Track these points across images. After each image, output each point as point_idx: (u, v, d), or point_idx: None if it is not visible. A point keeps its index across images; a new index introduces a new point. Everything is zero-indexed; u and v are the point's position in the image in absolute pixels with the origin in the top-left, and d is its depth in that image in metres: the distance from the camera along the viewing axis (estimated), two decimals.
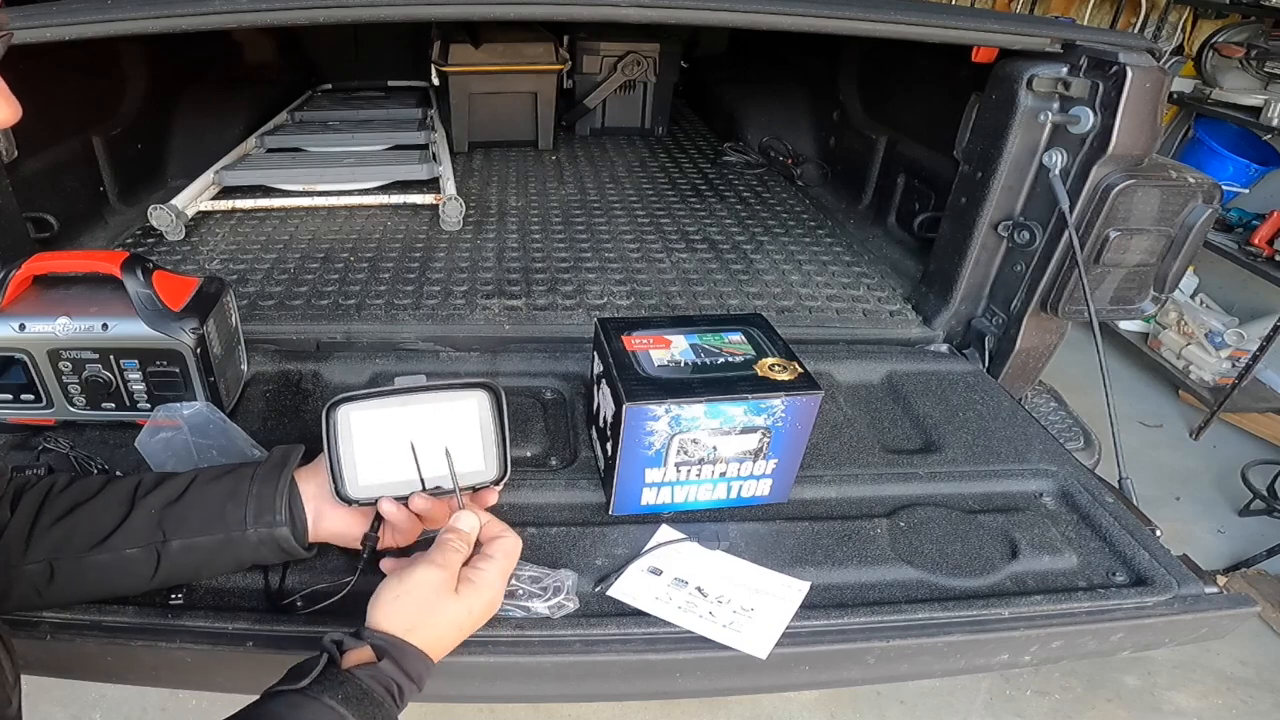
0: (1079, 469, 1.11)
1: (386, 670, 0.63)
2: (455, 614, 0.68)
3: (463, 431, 0.80)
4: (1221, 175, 3.00)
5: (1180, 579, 0.91)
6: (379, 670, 0.62)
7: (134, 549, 0.73)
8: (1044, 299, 1.31)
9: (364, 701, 0.60)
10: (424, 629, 0.66)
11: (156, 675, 0.83)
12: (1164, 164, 1.24)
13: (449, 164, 2.06)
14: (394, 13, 1.12)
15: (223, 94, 2.35)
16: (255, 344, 1.26)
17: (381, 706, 0.61)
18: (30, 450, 1.01)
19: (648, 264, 1.69)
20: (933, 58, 1.37)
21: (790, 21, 1.14)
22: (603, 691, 1.02)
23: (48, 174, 1.57)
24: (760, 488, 0.99)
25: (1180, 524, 2.43)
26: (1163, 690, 1.92)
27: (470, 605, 0.69)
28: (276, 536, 0.76)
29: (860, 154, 2.09)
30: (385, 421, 0.78)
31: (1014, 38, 1.21)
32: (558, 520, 0.97)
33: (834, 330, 1.46)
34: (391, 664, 0.63)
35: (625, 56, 2.60)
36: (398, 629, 0.65)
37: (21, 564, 0.71)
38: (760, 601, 0.84)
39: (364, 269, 1.59)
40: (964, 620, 0.85)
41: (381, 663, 0.63)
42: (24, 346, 0.98)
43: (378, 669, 0.62)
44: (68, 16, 1.03)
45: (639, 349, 0.97)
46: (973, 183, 1.36)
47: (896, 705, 1.84)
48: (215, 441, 0.96)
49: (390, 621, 0.66)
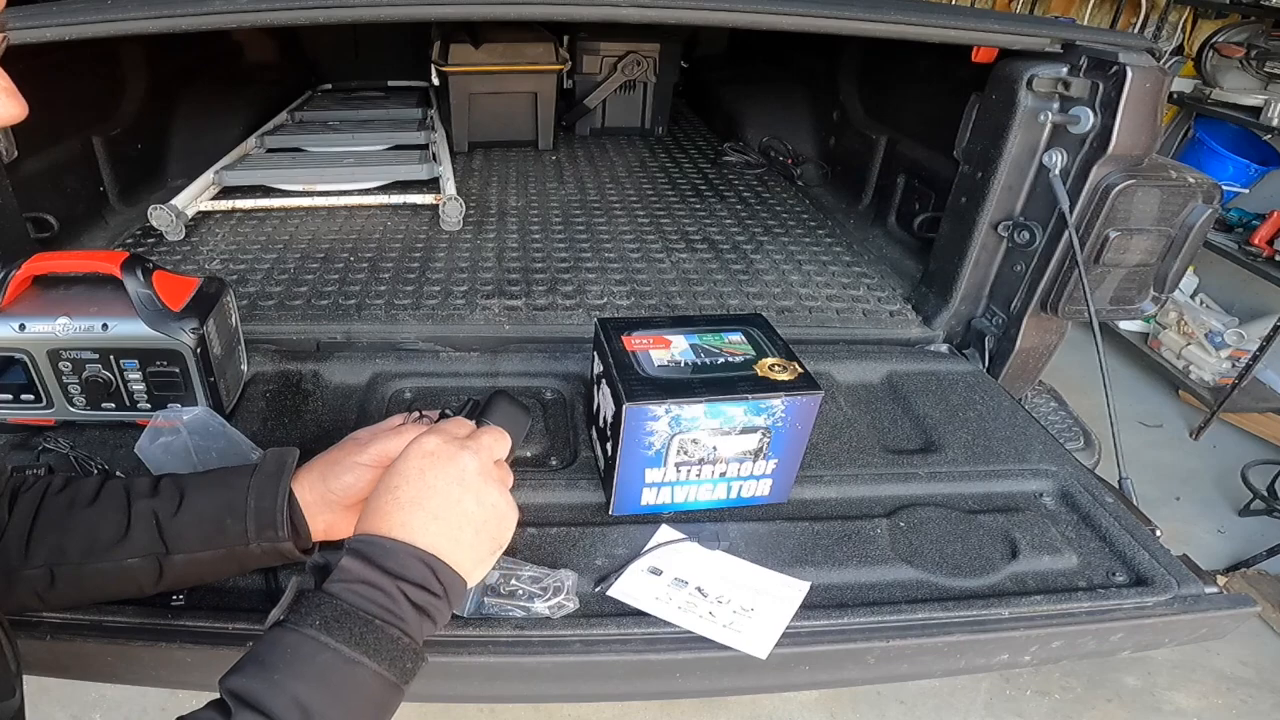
0: (1079, 469, 1.11)
1: (354, 571, 0.54)
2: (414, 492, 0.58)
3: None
4: (1221, 175, 2.99)
5: (1180, 579, 0.91)
6: (345, 572, 0.54)
7: (135, 559, 0.71)
8: (1044, 299, 1.31)
9: (345, 622, 0.51)
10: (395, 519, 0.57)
11: (156, 675, 0.83)
12: (1164, 164, 1.24)
13: (449, 164, 2.06)
14: (394, 13, 1.12)
15: (223, 94, 2.35)
16: (255, 344, 1.26)
17: (371, 626, 0.52)
18: (30, 450, 1.01)
19: (648, 264, 1.69)
20: (933, 58, 1.37)
21: (790, 21, 1.14)
22: (603, 691, 1.02)
23: (48, 174, 1.57)
24: (760, 488, 0.99)
25: (1180, 524, 2.43)
26: (1163, 690, 1.92)
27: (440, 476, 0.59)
28: (280, 550, 0.74)
29: (860, 154, 2.09)
30: None
31: (1014, 38, 1.21)
32: (558, 520, 0.97)
33: (834, 330, 1.46)
34: (355, 561, 0.54)
35: (625, 56, 2.60)
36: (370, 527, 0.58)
37: (22, 568, 0.70)
38: (760, 601, 0.84)
39: (364, 269, 1.59)
40: (964, 620, 0.85)
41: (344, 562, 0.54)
42: (24, 346, 0.98)
43: (344, 570, 0.54)
44: (68, 16, 1.03)
45: (639, 349, 0.97)
46: (973, 183, 1.36)
47: (896, 705, 1.84)
48: (215, 444, 0.96)
49: (362, 524, 0.59)
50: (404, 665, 0.53)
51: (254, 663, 0.51)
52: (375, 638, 0.52)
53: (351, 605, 0.52)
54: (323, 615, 0.51)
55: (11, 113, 0.53)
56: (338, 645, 0.50)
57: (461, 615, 0.80)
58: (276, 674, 0.49)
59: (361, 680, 0.51)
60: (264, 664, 0.50)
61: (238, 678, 0.50)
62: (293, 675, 0.49)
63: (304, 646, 0.50)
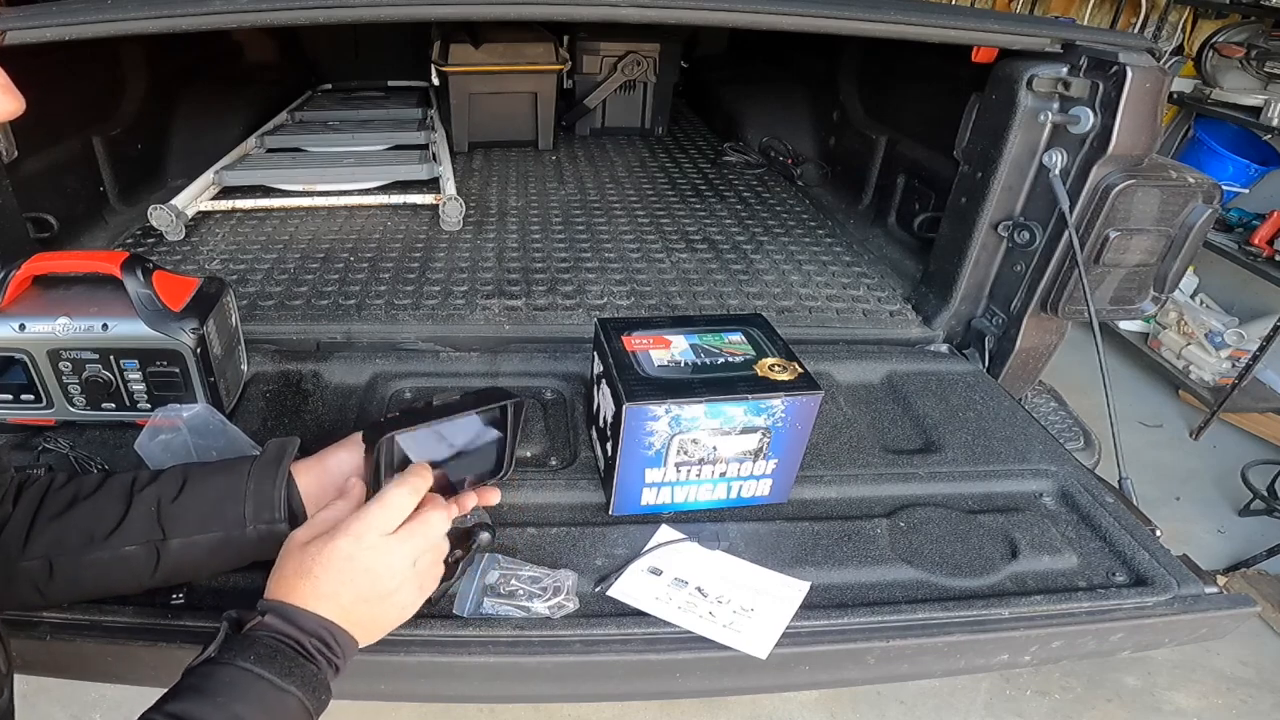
0: (1079, 469, 1.11)
1: (273, 625, 0.61)
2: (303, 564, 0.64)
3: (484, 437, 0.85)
4: (1221, 175, 2.99)
5: (1180, 579, 0.91)
6: (266, 626, 0.61)
7: (133, 546, 0.73)
8: (1044, 299, 1.31)
9: (277, 659, 0.59)
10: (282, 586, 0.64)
11: (156, 675, 0.82)
12: (1164, 164, 1.24)
13: (449, 164, 2.06)
14: (394, 13, 1.12)
15: (223, 94, 2.35)
16: (255, 344, 1.26)
17: (298, 664, 0.60)
18: (30, 450, 1.01)
19: (648, 264, 1.69)
20: (933, 58, 1.37)
21: (790, 21, 1.14)
22: (603, 691, 1.02)
23: (48, 174, 1.57)
24: (760, 488, 0.99)
25: (1180, 524, 2.43)
26: (1163, 690, 1.92)
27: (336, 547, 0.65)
28: (276, 533, 0.75)
29: (860, 154, 2.09)
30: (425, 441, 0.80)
31: (1014, 38, 1.21)
32: (558, 520, 0.97)
33: (834, 330, 1.46)
34: (275, 618, 0.62)
35: (625, 56, 2.60)
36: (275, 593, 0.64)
37: (20, 561, 0.71)
38: (760, 601, 0.84)
39: (364, 269, 1.59)
40: (964, 620, 0.85)
41: (265, 618, 0.62)
42: (24, 346, 0.98)
43: (264, 625, 0.61)
44: (68, 16, 1.03)
45: (639, 349, 0.97)
46: (973, 183, 1.36)
47: (896, 705, 1.84)
48: (215, 443, 0.96)
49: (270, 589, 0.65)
50: (319, 697, 0.61)
51: (191, 690, 0.57)
52: (300, 672, 0.60)
53: (277, 646, 0.60)
54: (256, 652, 0.59)
55: (8, 108, 0.55)
56: (270, 676, 0.58)
57: (461, 615, 0.81)
58: (219, 697, 0.56)
59: (291, 707, 0.59)
60: (203, 691, 0.57)
61: (179, 703, 0.56)
62: (234, 699, 0.56)
63: (241, 678, 0.57)
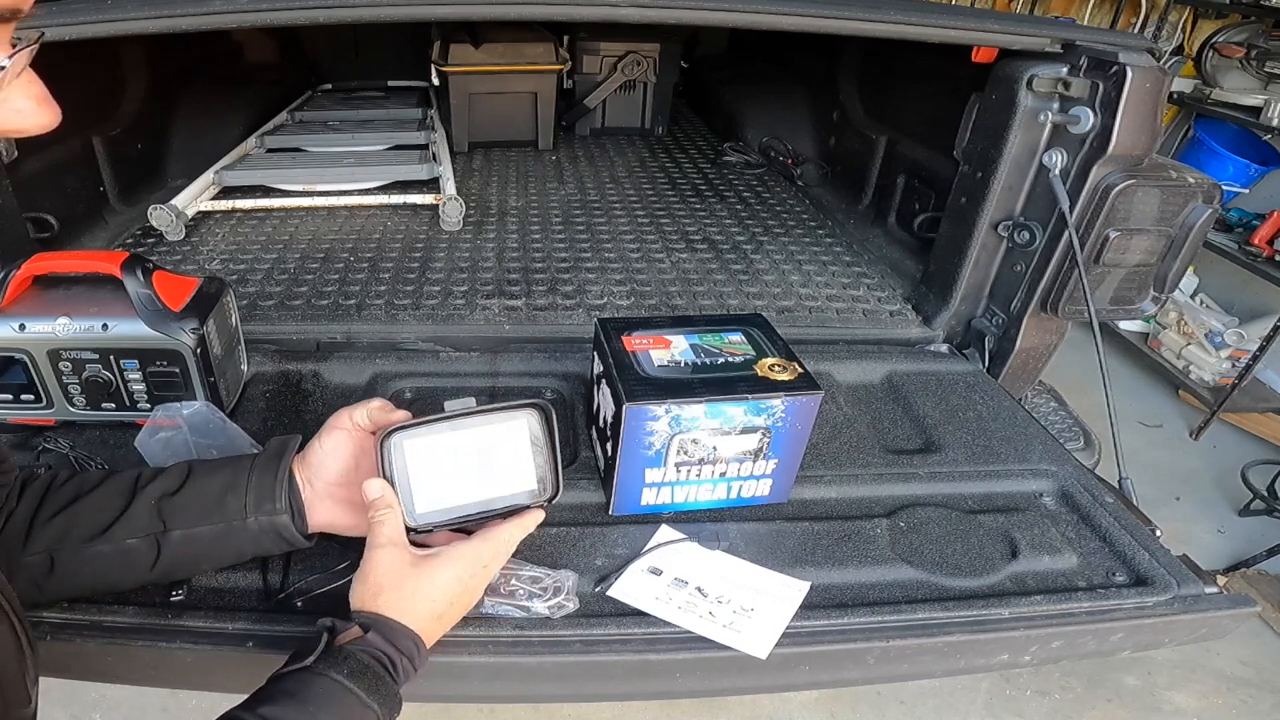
0: (1079, 469, 1.11)
1: (374, 642, 0.66)
2: (419, 585, 0.70)
3: (514, 451, 0.80)
4: (1221, 175, 2.99)
5: (1180, 579, 0.91)
6: (367, 643, 0.66)
7: (134, 539, 0.74)
8: (1044, 299, 1.31)
9: (366, 675, 0.63)
10: (394, 603, 0.69)
11: (156, 675, 0.83)
12: (1164, 164, 1.24)
13: (449, 164, 2.06)
14: (394, 13, 1.12)
15: (223, 94, 2.35)
16: (255, 344, 1.26)
17: (382, 681, 0.64)
18: (30, 450, 1.01)
19: (648, 264, 1.69)
20: (933, 58, 1.37)
21: (790, 21, 1.14)
22: (603, 691, 1.02)
23: (48, 174, 1.57)
24: (760, 488, 0.99)
25: (1180, 524, 2.43)
26: (1163, 690, 1.92)
27: (435, 577, 0.71)
28: (276, 524, 0.76)
29: (860, 154, 2.09)
30: (440, 448, 0.77)
31: (1014, 38, 1.21)
32: (558, 520, 0.97)
33: (834, 330, 1.46)
34: (378, 636, 0.66)
35: (625, 56, 2.60)
36: (369, 605, 0.68)
37: (21, 556, 0.71)
38: (760, 601, 0.84)
39: (364, 269, 1.59)
40: (964, 620, 0.85)
41: (369, 635, 0.66)
42: (24, 346, 0.98)
43: (366, 641, 0.66)
44: (68, 16, 1.02)
45: (639, 349, 0.97)
46: (973, 183, 1.36)
47: (896, 705, 1.84)
48: (215, 441, 0.96)
49: (361, 600, 0.69)
50: (392, 713, 0.66)
51: (287, 696, 0.61)
52: (384, 689, 0.64)
53: (369, 663, 0.64)
54: (349, 667, 0.63)
55: (43, 121, 0.51)
56: (359, 691, 0.62)
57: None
58: (310, 707, 0.60)
59: None
60: (298, 698, 0.61)
61: (274, 708, 0.60)
62: (324, 710, 0.61)
63: (334, 689, 0.62)
